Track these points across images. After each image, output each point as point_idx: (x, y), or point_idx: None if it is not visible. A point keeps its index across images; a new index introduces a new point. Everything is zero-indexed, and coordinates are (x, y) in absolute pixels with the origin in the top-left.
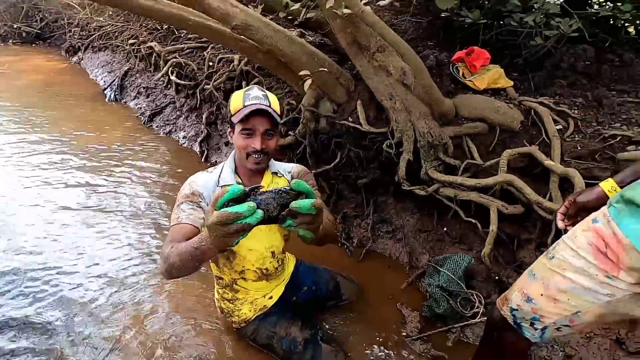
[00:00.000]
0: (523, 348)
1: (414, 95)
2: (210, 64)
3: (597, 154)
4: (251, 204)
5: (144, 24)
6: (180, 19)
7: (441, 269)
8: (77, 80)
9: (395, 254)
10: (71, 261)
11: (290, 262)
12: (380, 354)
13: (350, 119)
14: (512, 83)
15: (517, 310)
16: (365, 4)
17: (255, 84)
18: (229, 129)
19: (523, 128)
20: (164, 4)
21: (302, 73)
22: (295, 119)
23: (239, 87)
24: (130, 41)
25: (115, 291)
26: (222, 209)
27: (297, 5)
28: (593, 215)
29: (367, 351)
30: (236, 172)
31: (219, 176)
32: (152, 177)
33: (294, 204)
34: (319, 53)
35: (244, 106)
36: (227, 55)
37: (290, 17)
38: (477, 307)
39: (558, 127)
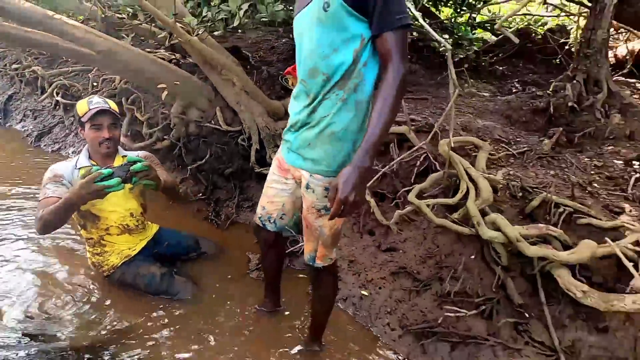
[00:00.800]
0: (270, 237)
1: (253, 99)
2: (95, 84)
3: None
4: (119, 179)
5: (26, 49)
6: (52, 46)
7: None
8: None
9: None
10: None
11: (154, 227)
12: (224, 282)
13: (212, 122)
14: None
15: (260, 216)
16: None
17: (133, 99)
18: (80, 128)
19: None
20: (32, 32)
21: (159, 86)
22: (168, 125)
23: (120, 104)
24: (14, 65)
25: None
26: (99, 183)
27: (164, 33)
28: None
29: (216, 281)
30: (90, 158)
31: (76, 162)
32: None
33: (132, 168)
34: (180, 70)
35: (90, 109)
36: (110, 76)
37: (157, 44)
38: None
39: None
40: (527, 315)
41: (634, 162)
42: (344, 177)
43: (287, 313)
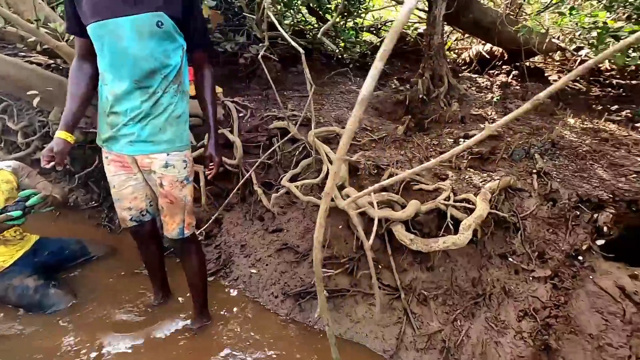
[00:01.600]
0: (150, 227)
1: None
2: None
3: (258, 128)
4: (24, 219)
5: None
6: None
7: None
8: None
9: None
10: None
11: (33, 237)
12: (117, 280)
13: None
14: (221, 89)
15: (131, 217)
16: None
17: (4, 107)
18: None
19: (225, 118)
20: None
21: (29, 93)
22: (48, 133)
23: None
24: None
25: None
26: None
27: (33, 38)
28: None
29: (107, 280)
30: None
31: None
32: None
33: (27, 203)
34: (54, 75)
35: None
36: None
37: (27, 49)
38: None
39: (241, 114)
40: (380, 266)
41: (461, 139)
42: (213, 148)
43: (179, 300)
